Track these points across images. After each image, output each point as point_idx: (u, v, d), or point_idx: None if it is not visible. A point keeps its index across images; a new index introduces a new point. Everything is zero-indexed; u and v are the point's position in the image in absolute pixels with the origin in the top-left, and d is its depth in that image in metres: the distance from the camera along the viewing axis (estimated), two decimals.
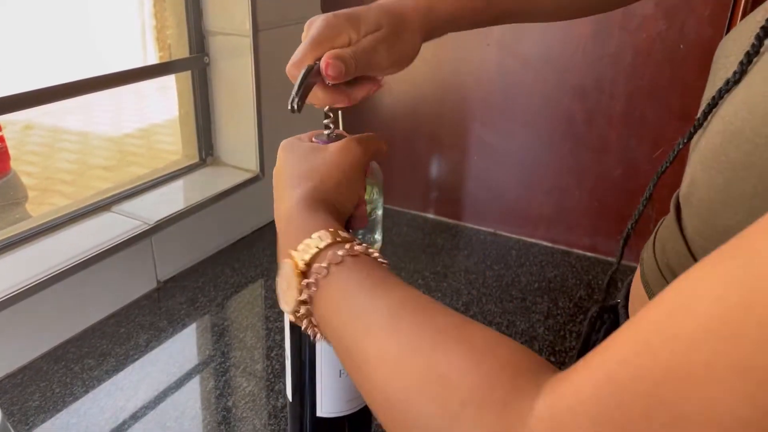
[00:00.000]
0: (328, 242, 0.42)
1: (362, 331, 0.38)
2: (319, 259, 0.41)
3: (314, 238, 0.42)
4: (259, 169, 1.19)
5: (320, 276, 0.41)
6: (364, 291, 0.40)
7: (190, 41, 1.13)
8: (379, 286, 0.40)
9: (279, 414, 0.77)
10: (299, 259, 0.42)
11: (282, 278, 0.44)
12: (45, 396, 0.80)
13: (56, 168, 3.32)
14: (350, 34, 0.51)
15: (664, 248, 0.50)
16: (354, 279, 0.40)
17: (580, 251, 1.17)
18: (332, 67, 0.48)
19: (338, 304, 0.40)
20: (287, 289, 0.43)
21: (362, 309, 0.39)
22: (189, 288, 1.03)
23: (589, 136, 1.10)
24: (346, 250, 0.41)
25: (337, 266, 0.41)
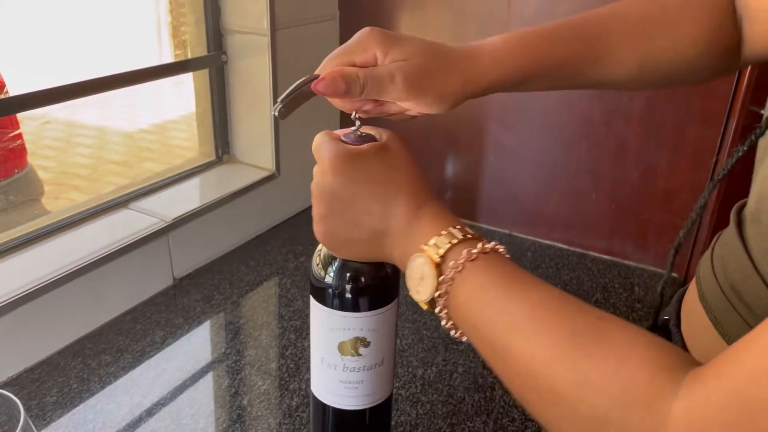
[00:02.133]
0: (459, 239, 0.44)
1: (505, 328, 0.40)
2: (453, 255, 0.43)
3: (445, 234, 0.44)
4: (274, 168, 1.19)
5: (456, 271, 0.43)
6: (501, 288, 0.42)
7: (208, 39, 1.13)
8: (516, 283, 0.42)
9: (294, 413, 0.77)
10: (434, 254, 0.44)
11: (414, 271, 0.45)
12: (62, 391, 0.80)
13: (72, 162, 3.35)
14: (377, 53, 0.50)
15: (726, 267, 0.49)
16: (490, 276, 0.42)
17: (596, 254, 1.16)
18: (324, 84, 0.48)
19: (477, 299, 0.42)
20: (421, 281, 0.45)
21: (502, 306, 0.41)
22: (205, 285, 1.04)
23: (607, 138, 1.09)
24: (479, 248, 0.43)
25: (472, 262, 0.43)
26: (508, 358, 0.40)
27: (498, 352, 0.41)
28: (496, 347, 0.41)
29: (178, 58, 1.32)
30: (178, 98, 3.79)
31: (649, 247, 1.12)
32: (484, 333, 0.42)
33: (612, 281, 1.08)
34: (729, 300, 0.47)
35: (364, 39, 0.50)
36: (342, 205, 0.49)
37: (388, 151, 0.50)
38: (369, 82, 0.48)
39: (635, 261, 1.13)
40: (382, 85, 0.49)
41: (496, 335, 0.41)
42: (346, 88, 0.48)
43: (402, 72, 0.49)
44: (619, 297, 1.03)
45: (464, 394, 0.81)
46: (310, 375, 0.83)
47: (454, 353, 0.88)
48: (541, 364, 0.37)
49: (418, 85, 0.49)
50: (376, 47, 0.50)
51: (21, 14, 1.96)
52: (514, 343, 0.39)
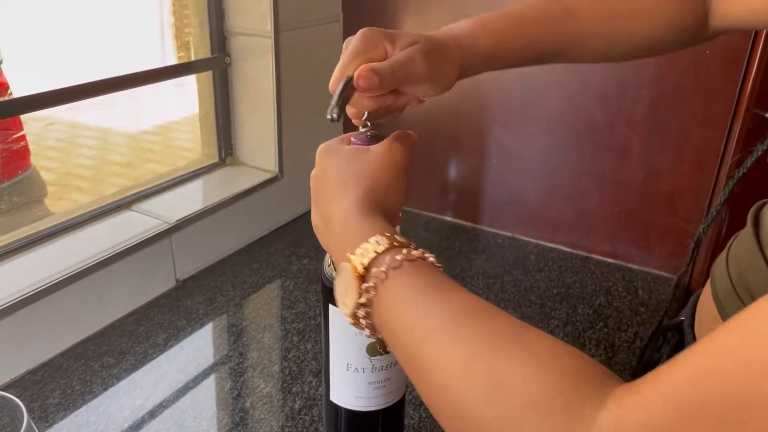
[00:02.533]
0: (386, 246, 0.43)
1: (422, 336, 0.39)
2: (378, 264, 0.42)
3: (371, 242, 0.43)
4: (278, 170, 1.19)
5: (379, 280, 0.42)
6: (423, 296, 0.40)
7: (211, 41, 1.13)
8: (437, 291, 0.40)
9: (296, 416, 0.77)
10: (358, 263, 0.43)
11: (340, 281, 0.45)
12: (65, 393, 0.80)
13: (75, 163, 3.35)
14: (386, 46, 0.52)
15: (740, 268, 0.48)
16: (412, 284, 0.41)
17: (599, 257, 1.16)
18: (364, 79, 0.49)
19: (397, 308, 0.41)
20: (345, 292, 0.44)
21: (422, 314, 0.40)
22: (207, 287, 1.03)
23: (611, 141, 1.09)
24: (404, 255, 0.42)
25: (396, 270, 0.42)
26: (421, 366, 0.38)
27: (412, 361, 0.39)
28: (411, 355, 0.39)
29: (181, 59, 1.32)
30: (181, 100, 3.80)
31: (653, 250, 1.11)
32: (401, 341, 0.40)
33: (615, 284, 1.07)
34: (742, 300, 0.47)
35: (368, 37, 0.52)
36: (313, 189, 0.51)
37: (365, 152, 0.50)
38: (396, 68, 0.50)
39: (639, 264, 1.13)
40: (407, 68, 0.50)
41: (412, 343, 0.39)
42: (380, 80, 0.49)
43: (418, 52, 0.51)
44: (623, 300, 1.03)
45: None
46: (313, 378, 0.83)
47: None
48: (454, 369, 0.36)
49: (433, 64, 0.52)
50: (383, 41, 0.52)
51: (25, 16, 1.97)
52: (428, 349, 0.38)
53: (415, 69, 0.51)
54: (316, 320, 0.95)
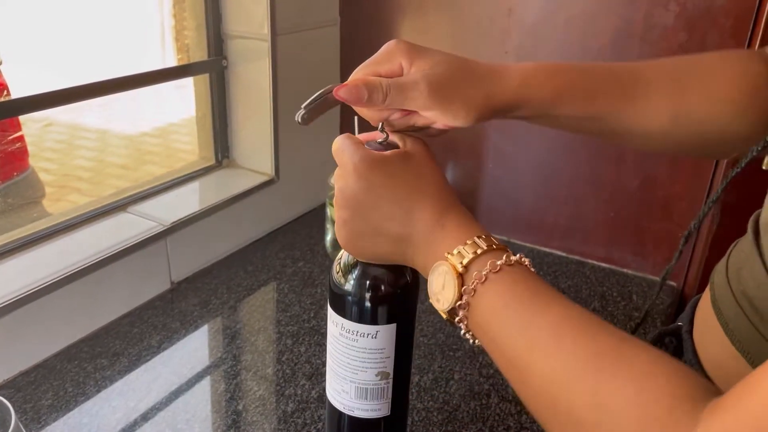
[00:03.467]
0: (484, 249, 0.44)
1: (526, 346, 0.40)
2: (477, 266, 0.43)
3: (470, 243, 0.44)
4: (274, 173, 1.19)
5: (479, 282, 0.43)
6: (524, 303, 0.41)
7: (208, 44, 1.13)
8: (538, 299, 0.41)
9: (289, 419, 0.77)
10: (457, 263, 0.44)
11: (436, 280, 0.45)
12: (58, 395, 0.80)
13: (74, 165, 3.36)
14: (403, 63, 0.50)
15: (740, 274, 0.49)
16: (513, 289, 0.42)
17: (594, 262, 1.16)
18: (345, 90, 0.49)
19: (498, 313, 0.42)
20: (443, 290, 0.45)
21: (524, 323, 0.41)
22: (202, 290, 1.04)
23: (607, 147, 1.09)
24: (504, 260, 0.43)
25: (496, 274, 0.42)
26: (527, 377, 0.40)
27: (517, 369, 0.41)
28: (514, 364, 0.41)
29: (181, 62, 1.32)
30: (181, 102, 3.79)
31: (648, 255, 1.11)
32: (503, 348, 0.42)
33: (610, 289, 1.08)
34: (741, 306, 0.47)
35: (389, 50, 0.51)
36: (365, 210, 0.49)
37: (411, 157, 0.50)
38: (392, 89, 0.49)
39: (634, 269, 1.13)
40: (406, 92, 0.49)
41: (515, 352, 0.40)
42: (369, 96, 0.48)
43: (426, 79, 0.49)
44: (617, 305, 1.03)
45: (460, 401, 0.81)
46: (306, 381, 0.83)
47: (451, 360, 0.88)
48: (560, 385, 0.37)
49: (442, 93, 0.49)
50: (401, 57, 0.50)
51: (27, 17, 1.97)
52: (534, 361, 0.39)
53: (415, 95, 0.49)
54: (310, 323, 0.95)
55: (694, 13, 0.96)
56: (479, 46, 1.15)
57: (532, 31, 1.09)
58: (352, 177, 0.49)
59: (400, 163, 0.50)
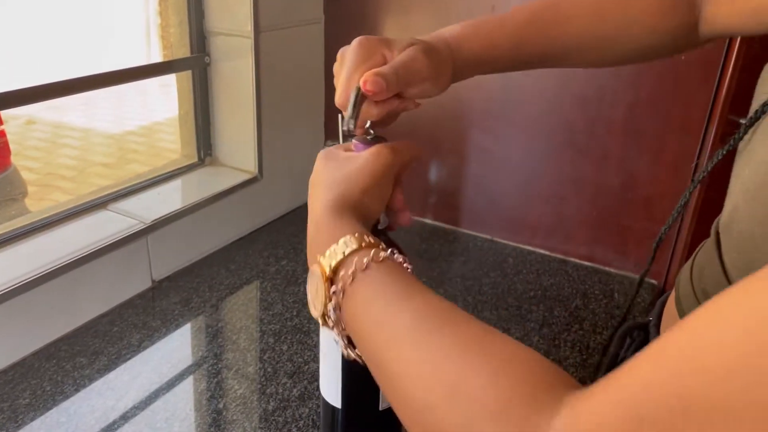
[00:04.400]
0: (354, 248, 0.42)
1: (385, 341, 0.39)
2: (346, 266, 0.42)
3: (340, 243, 0.43)
4: (257, 171, 1.18)
5: (347, 282, 0.41)
6: (387, 299, 0.40)
7: (191, 41, 1.13)
8: (402, 293, 0.40)
9: (270, 417, 0.77)
10: (326, 265, 0.43)
11: (311, 284, 0.45)
12: (35, 394, 0.79)
13: (57, 164, 3.33)
14: (384, 52, 0.52)
15: (702, 273, 0.49)
16: (378, 286, 0.41)
17: (577, 260, 1.17)
18: (371, 83, 0.49)
19: (363, 311, 0.41)
20: (316, 295, 0.44)
21: (385, 318, 0.39)
22: (183, 288, 1.03)
23: (589, 146, 1.10)
24: (371, 256, 0.41)
25: (363, 272, 0.41)
26: (386, 372, 0.38)
27: (378, 367, 0.39)
28: (376, 362, 0.39)
29: (166, 59, 1.31)
30: (165, 100, 3.79)
31: (630, 254, 1.12)
32: (367, 346, 0.40)
33: (592, 287, 1.08)
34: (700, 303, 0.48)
35: (365, 45, 0.52)
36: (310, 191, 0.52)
37: (351, 162, 0.50)
38: (399, 69, 0.50)
39: (615, 268, 1.14)
40: (410, 67, 0.51)
41: (376, 348, 0.39)
42: (386, 83, 0.49)
43: (419, 51, 0.52)
44: (599, 303, 1.03)
45: None
46: (288, 380, 0.83)
47: None
48: (416, 377, 0.36)
49: (435, 59, 0.53)
50: (379, 48, 0.52)
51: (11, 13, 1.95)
52: (391, 356, 0.38)
53: (418, 67, 0.51)
54: (292, 321, 0.95)
55: None
56: None
57: None
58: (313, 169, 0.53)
59: (343, 159, 0.51)
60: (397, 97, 0.53)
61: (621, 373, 0.29)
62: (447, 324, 0.37)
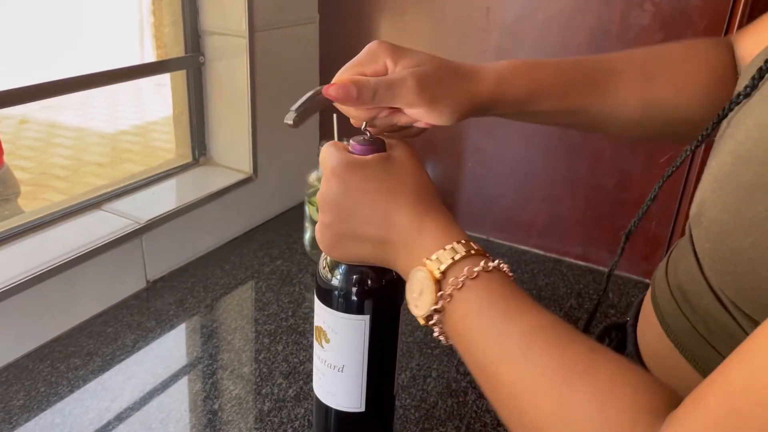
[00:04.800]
0: (462, 255, 0.44)
1: (497, 355, 0.40)
2: (455, 271, 0.43)
3: (448, 249, 0.44)
4: (252, 171, 1.18)
5: (455, 288, 0.43)
6: (498, 311, 0.41)
7: (185, 40, 1.12)
8: (512, 307, 0.41)
9: (265, 418, 0.77)
10: (435, 269, 0.44)
11: (414, 284, 0.45)
12: (29, 395, 0.79)
13: (51, 163, 3.32)
14: (387, 62, 0.51)
15: (677, 268, 0.50)
16: (488, 296, 0.42)
17: (571, 260, 1.17)
18: (335, 89, 0.48)
19: (473, 320, 0.42)
20: (420, 296, 0.45)
21: (497, 331, 0.41)
22: (178, 288, 1.03)
23: (584, 146, 1.10)
24: (482, 267, 0.43)
25: (473, 281, 0.42)
26: (496, 385, 0.40)
27: (487, 377, 0.41)
28: (485, 371, 0.41)
29: (159, 58, 1.31)
30: (159, 100, 3.78)
31: (624, 253, 1.12)
32: (474, 355, 0.42)
33: (586, 287, 1.08)
34: (675, 299, 0.49)
35: (373, 50, 0.51)
36: (344, 214, 0.49)
37: (392, 160, 0.50)
38: (380, 87, 0.49)
39: (606, 273, 1.14)
40: (394, 89, 0.49)
41: (486, 360, 0.41)
42: (358, 94, 0.48)
43: (414, 76, 0.50)
44: (593, 303, 1.03)
45: (437, 398, 0.81)
46: (283, 380, 0.83)
47: (429, 358, 0.88)
48: (527, 396, 0.38)
49: (430, 90, 0.50)
50: (385, 57, 0.51)
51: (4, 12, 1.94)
52: (503, 371, 0.40)
53: (404, 91, 0.49)
54: (287, 322, 0.95)
55: (669, 13, 0.97)
56: (458, 45, 1.15)
57: (510, 31, 1.09)
58: (332, 181, 0.49)
59: (379, 166, 0.49)
60: (388, 109, 0.52)
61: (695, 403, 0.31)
62: (558, 342, 0.39)
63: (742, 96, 0.43)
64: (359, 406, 0.62)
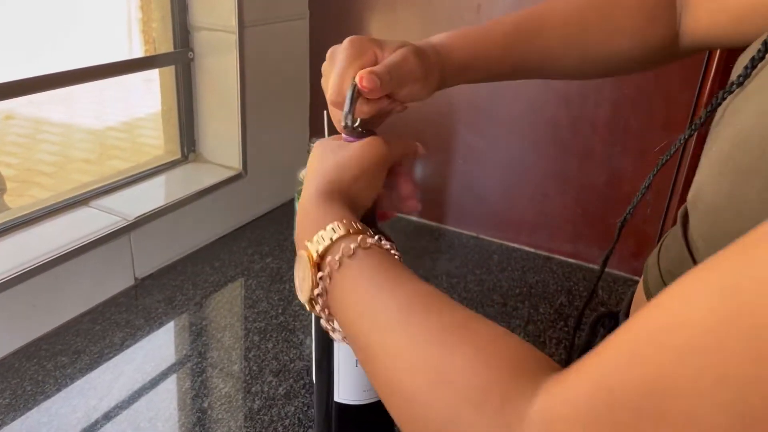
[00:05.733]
0: (341, 234, 0.43)
1: (372, 326, 0.39)
2: (333, 251, 0.42)
3: (328, 229, 0.43)
4: (241, 167, 1.17)
5: (333, 268, 0.42)
6: (374, 285, 0.40)
7: (174, 36, 1.11)
8: (389, 280, 0.40)
9: (255, 416, 0.76)
10: (313, 251, 0.43)
11: (298, 269, 0.45)
12: (16, 394, 0.78)
13: (37, 159, 3.28)
14: (375, 51, 0.53)
15: (669, 259, 0.50)
16: (365, 272, 0.41)
17: (561, 257, 1.17)
18: (366, 80, 0.49)
19: (349, 297, 0.41)
20: (303, 281, 0.44)
21: (372, 304, 0.40)
22: (167, 286, 1.02)
23: (574, 143, 1.10)
24: (359, 243, 0.42)
25: (350, 258, 0.42)
26: (373, 361, 0.39)
27: (366, 353, 0.40)
28: (364, 349, 0.40)
29: (147, 54, 1.30)
30: (147, 96, 3.75)
31: (614, 250, 1.13)
32: (355, 333, 0.41)
33: (576, 284, 1.09)
34: (665, 284, 0.49)
35: (356, 44, 0.53)
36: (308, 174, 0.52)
37: (342, 150, 0.51)
38: (392, 70, 0.51)
39: (600, 265, 1.14)
40: (402, 67, 0.52)
41: (363, 335, 0.39)
42: (380, 81, 0.50)
43: (411, 52, 0.53)
44: (584, 300, 1.04)
45: None
46: (273, 378, 0.82)
47: None
48: (405, 363, 0.36)
49: (425, 62, 0.53)
50: (371, 47, 0.53)
51: None
52: (378, 341, 0.38)
53: (410, 67, 0.52)
54: (278, 319, 0.94)
55: None
56: None
57: None
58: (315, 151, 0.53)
59: (335, 147, 0.51)
60: (387, 98, 0.53)
61: (592, 356, 0.29)
62: (433, 310, 0.37)
63: (735, 85, 0.44)
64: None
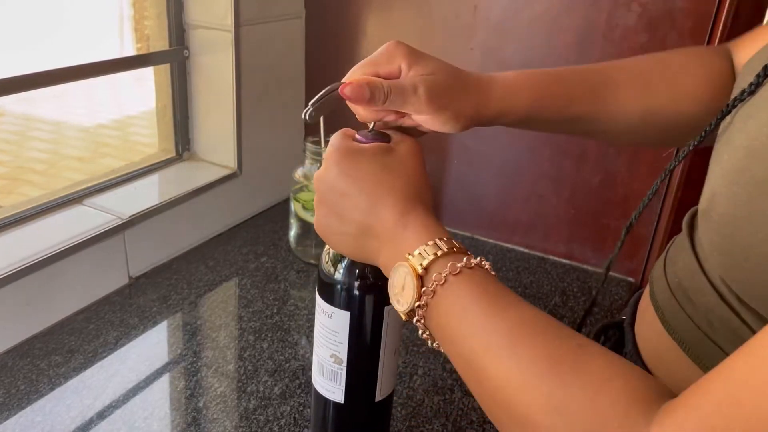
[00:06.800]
0: (445, 251, 0.44)
1: (483, 348, 0.40)
2: (437, 267, 0.43)
3: (431, 245, 0.44)
4: (236, 166, 1.17)
5: (438, 284, 0.43)
6: (482, 307, 0.42)
7: (170, 34, 1.11)
8: (497, 302, 0.42)
9: (251, 416, 0.76)
10: (417, 264, 0.44)
11: (396, 279, 0.46)
12: (9, 393, 0.78)
13: (27, 157, 3.26)
14: (402, 66, 0.52)
15: (675, 267, 0.50)
16: (471, 292, 0.42)
17: (555, 258, 1.18)
18: (350, 89, 0.49)
19: (456, 316, 0.42)
20: (402, 291, 0.45)
21: (482, 325, 0.41)
22: (161, 285, 1.01)
23: (569, 144, 1.11)
24: (464, 263, 0.43)
25: (455, 277, 0.43)
26: (483, 379, 0.40)
27: (473, 371, 0.41)
28: (471, 365, 0.41)
29: (140, 52, 1.29)
30: (140, 94, 3.72)
31: (608, 251, 1.13)
32: (460, 350, 0.42)
33: (571, 285, 1.09)
34: (675, 297, 0.49)
35: (390, 51, 0.52)
36: (334, 196, 0.50)
37: (391, 154, 0.50)
38: (393, 91, 0.50)
39: (594, 266, 1.15)
40: (405, 96, 0.50)
41: (472, 354, 0.41)
42: (371, 96, 0.49)
43: (425, 85, 0.51)
44: (578, 301, 1.04)
45: (423, 396, 0.81)
46: (268, 378, 0.82)
47: (415, 356, 0.88)
48: (516, 388, 0.37)
49: (438, 100, 0.51)
50: (401, 60, 0.52)
51: None
52: (489, 364, 0.39)
53: (414, 99, 0.51)
54: (273, 319, 0.94)
55: (655, 14, 0.98)
56: (445, 42, 1.15)
57: (497, 28, 1.10)
58: (330, 163, 0.50)
59: (374, 156, 0.50)
60: (394, 112, 0.53)
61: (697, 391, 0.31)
62: (544, 336, 0.39)
63: (746, 93, 0.44)
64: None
